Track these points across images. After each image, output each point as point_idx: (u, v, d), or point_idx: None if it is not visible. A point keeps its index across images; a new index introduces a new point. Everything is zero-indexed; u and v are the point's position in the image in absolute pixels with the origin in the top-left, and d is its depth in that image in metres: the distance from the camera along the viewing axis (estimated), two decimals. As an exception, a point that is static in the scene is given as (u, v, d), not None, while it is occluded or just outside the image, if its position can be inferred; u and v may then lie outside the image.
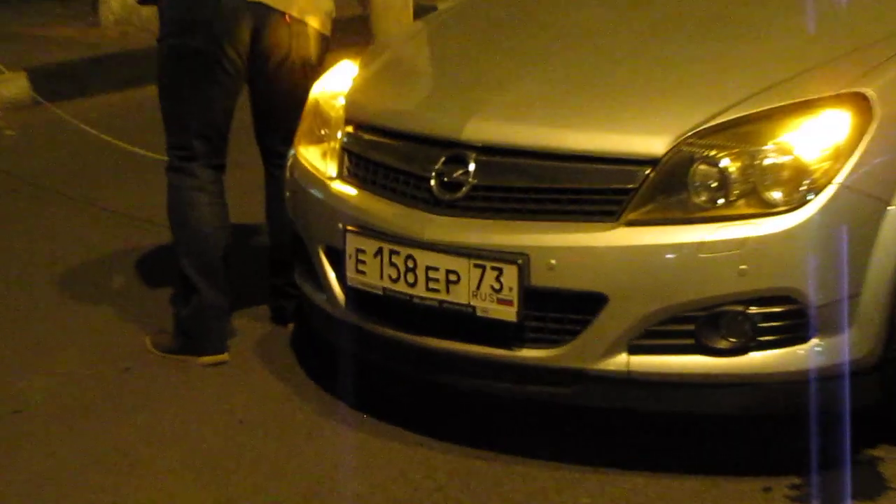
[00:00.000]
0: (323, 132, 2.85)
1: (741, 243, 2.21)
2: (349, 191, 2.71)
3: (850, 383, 2.29)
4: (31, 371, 2.90)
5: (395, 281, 2.47)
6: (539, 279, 2.30)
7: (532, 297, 2.31)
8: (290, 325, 3.23)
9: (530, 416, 2.61)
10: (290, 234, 2.97)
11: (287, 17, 2.93)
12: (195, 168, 2.96)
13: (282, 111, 3.08)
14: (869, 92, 2.29)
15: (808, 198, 2.20)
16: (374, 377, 2.81)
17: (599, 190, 2.32)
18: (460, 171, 2.41)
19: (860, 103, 2.28)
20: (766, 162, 2.24)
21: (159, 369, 2.97)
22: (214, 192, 3.00)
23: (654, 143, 2.29)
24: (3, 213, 4.13)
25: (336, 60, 3.04)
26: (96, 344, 3.12)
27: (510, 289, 2.30)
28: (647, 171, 2.27)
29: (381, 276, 2.50)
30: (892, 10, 2.71)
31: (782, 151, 2.24)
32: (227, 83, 2.92)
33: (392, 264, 2.47)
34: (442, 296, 2.40)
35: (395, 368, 2.70)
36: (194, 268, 2.91)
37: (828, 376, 2.26)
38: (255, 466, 2.48)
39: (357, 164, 2.74)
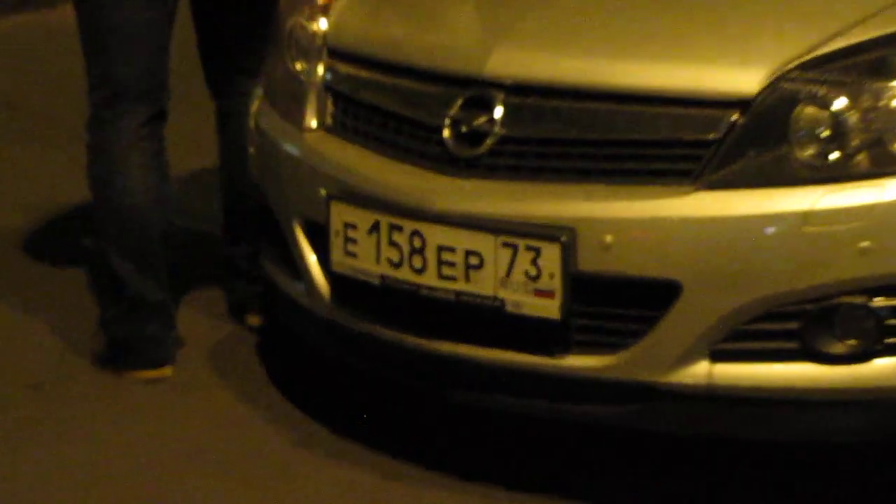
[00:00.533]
0: (299, 67, 2.84)
1: (863, 212, 2.19)
2: (335, 146, 2.68)
3: None
4: None
5: (397, 266, 2.43)
6: (590, 262, 2.27)
7: (580, 287, 2.28)
8: (253, 322, 3.21)
9: (572, 447, 2.62)
10: (255, 206, 2.96)
11: None
12: (124, 116, 2.88)
13: (239, 32, 3.07)
14: None
15: None
16: (368, 395, 2.83)
17: (670, 142, 2.29)
18: (483, 118, 2.39)
19: None
20: None
21: (80, 387, 2.94)
22: (150, 152, 2.93)
23: (744, 79, 2.27)
24: None
25: None
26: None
27: (551, 275, 2.27)
28: (735, 117, 2.25)
29: (378, 260, 2.46)
30: None
31: None
32: None
33: (393, 244, 2.43)
34: (459, 285, 2.36)
35: (395, 382, 2.68)
36: (122, 254, 2.86)
37: None
38: None
39: (345, 110, 2.72)
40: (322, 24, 2.82)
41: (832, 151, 2.23)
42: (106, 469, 2.63)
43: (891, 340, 2.24)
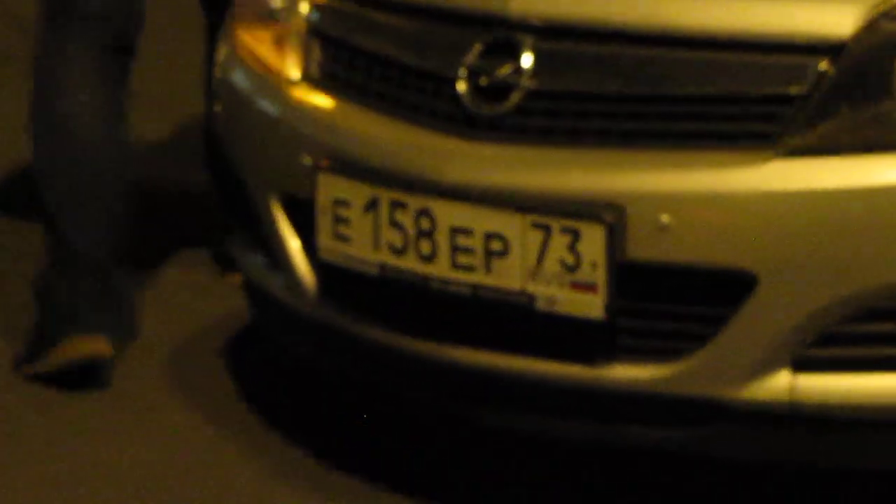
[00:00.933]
0: (277, 3, 2.80)
1: None
2: (322, 102, 2.63)
3: None
4: None
5: (401, 253, 2.37)
6: (642, 249, 2.20)
7: (630, 279, 2.21)
8: (233, 280, 3.24)
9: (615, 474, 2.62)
10: (222, 176, 2.94)
11: None
12: (78, 39, 2.87)
13: None
14: None
15: None
16: (364, 412, 2.81)
17: (743, 98, 2.22)
18: (508, 68, 2.33)
19: None
20: None
21: (11, 397, 2.93)
22: (106, 89, 2.91)
23: (835, 18, 2.20)
24: None
25: None
26: None
27: (593, 265, 2.20)
28: (824, 66, 2.18)
29: (377, 246, 2.41)
30: None
31: None
32: None
33: (395, 225, 2.38)
34: (478, 277, 2.30)
35: (398, 397, 2.69)
36: (62, 203, 2.86)
37: None
38: None
39: (335, 57, 2.67)
40: None
41: None
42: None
43: None
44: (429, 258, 2.35)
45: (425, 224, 2.34)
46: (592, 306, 2.23)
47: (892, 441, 2.27)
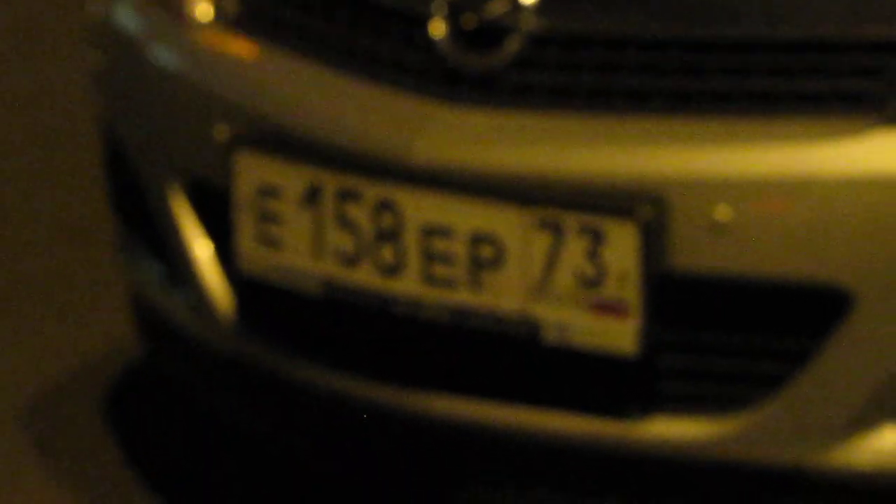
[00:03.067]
0: None
1: None
2: (244, 52, 2.49)
3: None
4: None
5: (354, 262, 2.21)
6: (691, 256, 2.03)
7: (675, 299, 2.05)
8: None
9: None
10: (106, 157, 2.82)
11: None
12: None
13: None
14: None
15: None
16: (303, 486, 2.75)
17: (831, 44, 2.05)
18: (501, 5, 2.15)
19: None
20: None
21: None
22: None
23: None
24: None
25: None
26: None
27: (622, 278, 2.04)
28: None
29: (320, 252, 2.25)
30: None
31: None
32: None
33: (346, 223, 2.21)
34: (462, 295, 2.13)
35: (349, 468, 2.57)
36: None
37: None
38: None
39: None
40: None
41: None
42: None
43: None
44: (392, 270, 2.17)
45: (388, 221, 2.17)
46: (622, 336, 2.04)
47: None
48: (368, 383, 2.25)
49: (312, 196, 2.23)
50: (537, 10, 2.14)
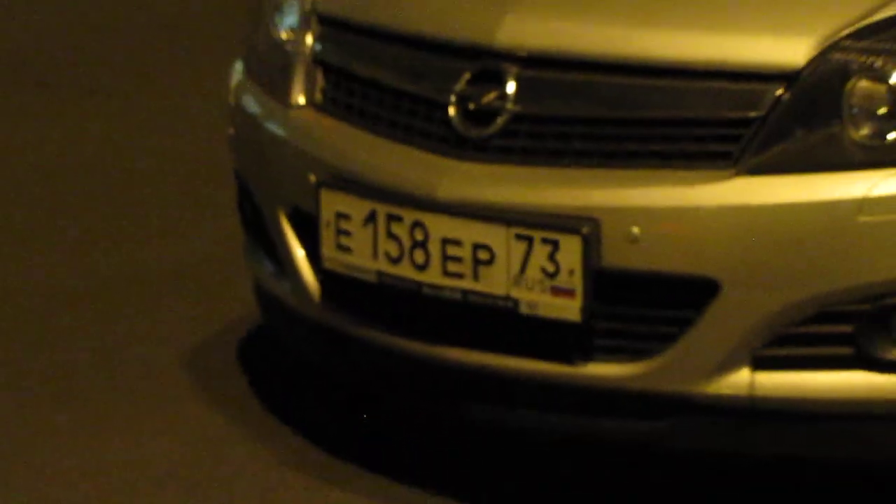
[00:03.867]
0: (284, 36, 2.86)
1: None
2: (326, 125, 2.71)
3: None
4: None
5: (397, 262, 2.45)
6: (615, 257, 2.28)
7: (604, 285, 2.30)
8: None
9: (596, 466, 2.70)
10: (237, 190, 3.01)
11: None
12: None
13: None
14: None
15: None
16: (365, 408, 2.88)
17: (707, 121, 2.31)
18: (494, 94, 2.41)
19: None
20: None
21: (30, 395, 3.00)
22: None
23: (790, 49, 2.28)
24: None
25: None
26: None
27: (571, 272, 2.28)
28: (780, 92, 2.26)
29: (375, 255, 2.48)
30: None
31: None
32: None
33: (392, 237, 2.45)
34: (467, 283, 2.38)
35: (396, 395, 2.75)
36: None
37: None
38: None
39: (337, 84, 2.74)
40: None
41: (891, 131, 2.22)
42: (63, 496, 2.63)
43: None
44: (422, 267, 2.39)
45: (419, 235, 2.39)
46: (570, 310, 2.29)
47: (842, 431, 2.30)
48: (406, 339, 2.50)
49: (370, 219, 2.46)
50: (516, 99, 2.37)
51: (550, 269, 2.30)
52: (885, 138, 2.24)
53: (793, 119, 2.27)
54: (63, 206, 4.42)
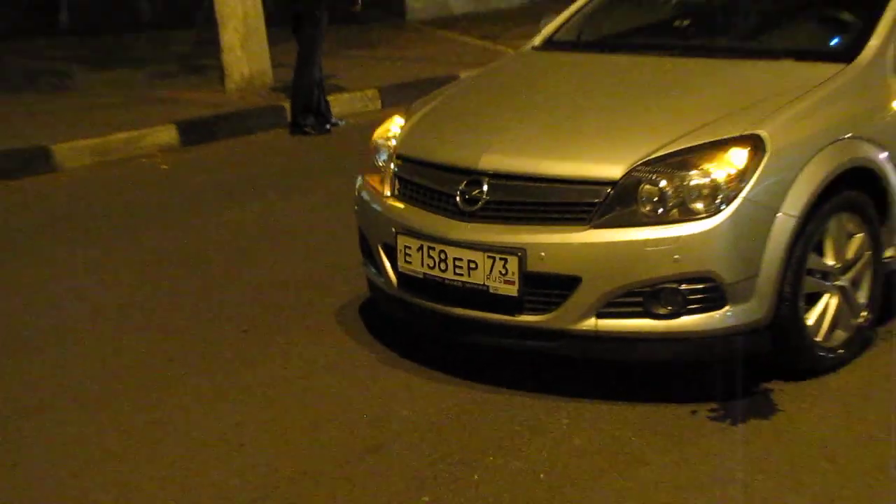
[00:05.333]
0: (381, 164, 3.19)
1: (675, 240, 2.56)
2: (399, 205, 3.01)
3: (750, 338, 2.66)
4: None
5: (432, 268, 2.78)
6: (533, 266, 2.63)
7: (529, 279, 2.64)
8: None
9: (525, 365, 2.95)
10: (359, 235, 3.23)
11: None
12: None
13: None
14: (763, 133, 2.66)
15: (721, 208, 2.56)
16: (418, 336, 3.14)
17: (576, 203, 2.65)
18: (477, 191, 2.74)
19: (756, 141, 2.63)
20: (692, 183, 2.59)
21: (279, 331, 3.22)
22: None
23: (614, 170, 2.62)
24: (160, 219, 4.78)
25: (388, 116, 3.43)
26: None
27: (513, 273, 2.65)
28: (609, 190, 2.60)
29: (422, 265, 2.81)
30: (777, 79, 3.02)
31: (703, 175, 2.58)
32: None
33: (430, 256, 2.78)
34: (465, 278, 2.72)
35: (431, 331, 3.01)
36: None
37: (735, 333, 2.63)
38: (325, 400, 2.80)
39: (404, 186, 3.03)
40: (392, 142, 3.19)
41: (660, 208, 2.58)
42: (252, 383, 2.87)
43: (690, 307, 2.59)
44: (444, 270, 2.74)
45: (442, 256, 2.75)
46: (513, 290, 2.65)
47: (638, 346, 2.66)
48: (436, 304, 2.82)
49: (420, 248, 2.78)
50: (487, 193, 2.70)
51: (504, 272, 2.66)
52: (657, 212, 2.56)
53: (615, 203, 2.59)
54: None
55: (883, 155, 2.88)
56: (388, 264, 3.02)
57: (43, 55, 8.80)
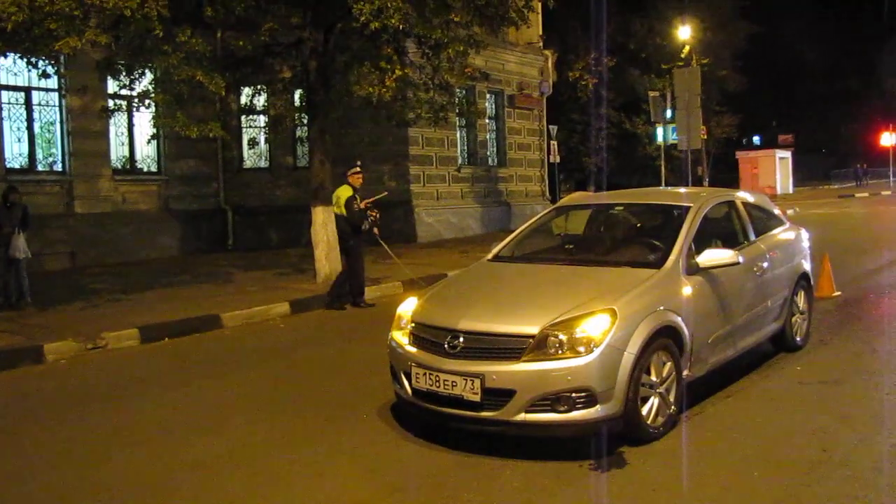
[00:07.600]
0: (403, 325, 4.71)
1: (568, 369, 3.96)
2: (412, 349, 4.49)
3: (611, 422, 4.10)
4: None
5: (431, 385, 4.22)
6: (489, 383, 4.04)
7: (486, 391, 4.04)
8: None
9: (484, 441, 4.21)
10: (390, 366, 4.71)
11: None
12: None
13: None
14: (616, 307, 4.20)
15: (594, 349, 4.00)
16: (425, 424, 4.50)
17: (513, 348, 4.05)
18: (456, 341, 4.18)
19: (613, 312, 4.15)
20: (577, 336, 4.01)
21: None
22: None
23: (534, 329, 4.06)
24: (287, 350, 7.30)
25: (406, 297, 5.01)
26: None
27: (477, 388, 4.05)
28: (531, 340, 4.02)
29: (426, 383, 4.25)
30: (621, 278, 4.46)
31: (583, 332, 4.01)
32: None
33: (429, 378, 4.21)
34: (450, 391, 4.13)
35: (432, 420, 4.33)
36: None
37: (603, 420, 4.06)
38: (346, 466, 3.99)
39: (415, 338, 4.51)
40: (409, 313, 4.66)
41: (559, 350, 3.94)
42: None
43: (578, 405, 3.89)
44: (437, 386, 4.01)
45: (437, 378, 4.01)
46: (477, 397, 3.91)
47: (549, 428, 3.87)
48: (435, 406, 4.04)
49: (424, 373, 4.02)
50: (462, 341, 3.97)
51: (472, 387, 4.00)
52: (558, 353, 3.83)
53: (534, 347, 3.92)
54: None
55: (679, 318, 4.50)
56: (406, 383, 4.52)
57: (216, 263, 13.49)
